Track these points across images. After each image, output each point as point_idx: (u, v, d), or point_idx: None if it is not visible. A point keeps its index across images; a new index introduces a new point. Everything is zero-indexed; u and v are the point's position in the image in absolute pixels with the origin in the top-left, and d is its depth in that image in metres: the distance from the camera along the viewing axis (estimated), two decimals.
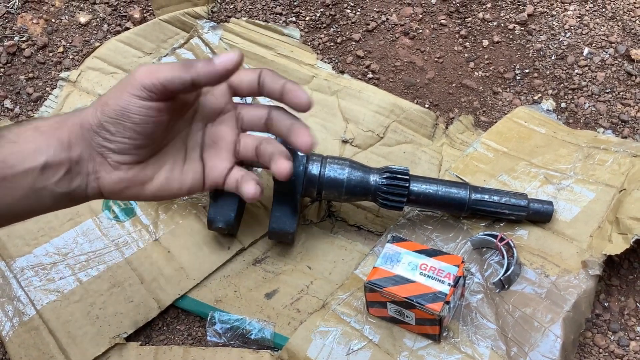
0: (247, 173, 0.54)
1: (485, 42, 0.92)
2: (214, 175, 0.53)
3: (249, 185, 0.52)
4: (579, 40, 0.91)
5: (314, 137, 0.54)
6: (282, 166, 0.52)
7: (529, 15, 0.93)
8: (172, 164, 0.52)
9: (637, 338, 0.66)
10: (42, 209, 0.47)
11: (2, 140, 0.45)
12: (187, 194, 0.53)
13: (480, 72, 0.89)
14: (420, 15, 0.95)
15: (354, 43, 0.93)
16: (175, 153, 0.52)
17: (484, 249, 0.69)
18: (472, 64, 0.90)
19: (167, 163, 0.51)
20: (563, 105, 0.85)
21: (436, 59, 0.91)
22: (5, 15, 0.95)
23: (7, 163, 0.44)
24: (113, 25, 0.95)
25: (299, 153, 0.67)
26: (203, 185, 0.53)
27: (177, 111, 0.51)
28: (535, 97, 0.86)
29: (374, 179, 0.67)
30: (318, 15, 0.95)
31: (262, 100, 0.78)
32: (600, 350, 0.66)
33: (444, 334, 0.62)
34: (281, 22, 0.94)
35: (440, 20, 0.94)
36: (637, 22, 0.92)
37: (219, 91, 0.54)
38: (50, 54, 0.92)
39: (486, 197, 0.68)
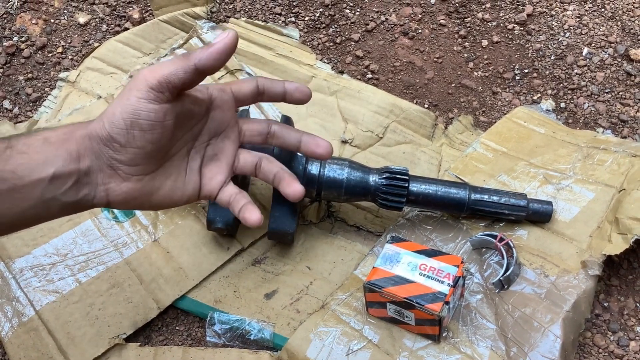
0: (242, 193, 0.56)
1: (485, 42, 0.92)
2: (210, 187, 0.55)
3: (253, 214, 0.55)
4: (578, 40, 0.91)
5: (327, 141, 0.59)
6: (296, 189, 0.57)
7: (528, 15, 0.93)
8: (176, 175, 0.53)
9: (637, 338, 0.66)
10: (49, 217, 0.48)
11: (11, 151, 0.45)
12: (185, 203, 0.55)
13: (479, 72, 0.89)
14: (420, 16, 0.95)
15: (353, 43, 0.93)
16: (179, 164, 0.53)
17: (484, 249, 0.69)
18: (471, 64, 0.90)
19: (173, 174, 0.53)
20: (562, 105, 0.85)
21: (435, 59, 0.91)
22: (4, 15, 0.95)
23: (17, 174, 0.44)
24: (112, 25, 0.95)
25: (298, 154, 0.67)
26: (198, 195, 0.55)
27: (185, 120, 0.52)
28: (535, 97, 0.86)
29: (373, 179, 0.67)
30: (317, 15, 0.95)
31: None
32: (600, 350, 0.66)
33: (444, 334, 0.62)
34: (280, 22, 0.94)
35: (439, 20, 0.94)
36: (637, 22, 0.92)
37: (227, 105, 0.55)
38: (49, 55, 0.92)
39: (485, 197, 0.68)
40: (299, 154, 0.67)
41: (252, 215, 0.55)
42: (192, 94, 0.52)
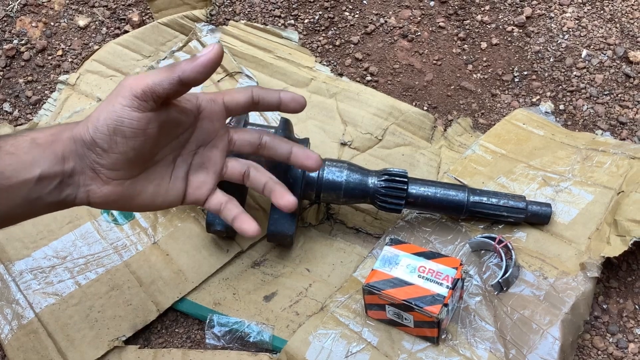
0: (232, 201, 0.56)
1: (484, 45, 0.92)
2: (196, 195, 0.56)
3: (250, 226, 0.55)
4: (577, 43, 0.91)
5: (317, 154, 0.59)
6: (288, 200, 0.56)
7: (527, 18, 0.94)
8: (160, 180, 0.53)
9: (636, 340, 0.66)
10: (32, 215, 0.49)
11: None
12: (167, 208, 0.55)
13: (478, 75, 0.89)
14: (419, 18, 0.95)
15: (353, 45, 0.93)
16: (164, 170, 0.54)
17: (483, 251, 0.69)
18: (470, 66, 0.90)
19: (156, 179, 0.53)
20: (561, 107, 0.85)
21: (434, 62, 0.91)
22: (4, 18, 0.96)
23: (4, 174, 0.45)
24: (112, 28, 0.95)
25: None
26: (182, 202, 0.56)
27: (170, 129, 0.52)
28: (534, 99, 0.86)
29: (372, 181, 0.67)
30: (317, 18, 0.95)
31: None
32: (599, 352, 0.66)
33: (443, 337, 0.62)
34: (280, 24, 0.94)
35: (438, 22, 0.94)
36: (636, 24, 0.92)
37: (216, 115, 0.55)
38: (49, 57, 0.92)
39: (484, 199, 0.68)
40: None
41: (249, 227, 0.55)
42: (180, 104, 0.52)
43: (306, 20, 0.95)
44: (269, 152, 0.59)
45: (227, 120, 0.59)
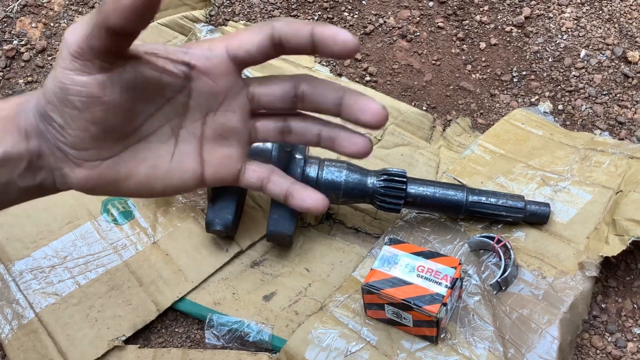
0: (278, 173, 0.43)
1: (483, 45, 0.92)
2: (222, 174, 0.43)
3: (314, 199, 0.42)
4: (576, 43, 0.91)
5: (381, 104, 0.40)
6: (361, 141, 0.41)
7: (525, 18, 0.94)
8: (155, 160, 0.42)
9: (635, 339, 0.66)
10: (11, 202, 0.42)
11: None
12: (177, 193, 0.44)
13: (477, 75, 0.90)
14: (418, 18, 0.95)
15: None
16: (159, 147, 0.42)
17: (481, 251, 0.69)
18: (469, 67, 0.90)
19: (149, 159, 0.42)
20: (560, 107, 0.85)
21: (433, 62, 0.91)
22: (4, 19, 0.96)
23: None
24: None
25: (297, 155, 0.67)
26: (200, 183, 0.44)
27: (150, 93, 0.40)
28: (533, 99, 0.86)
29: (371, 181, 0.68)
30: (316, 18, 0.95)
31: None
32: (598, 351, 0.66)
33: (442, 336, 0.62)
34: None
35: (437, 23, 0.95)
36: (634, 24, 0.92)
37: (217, 70, 0.41)
38: (49, 58, 0.92)
39: (483, 199, 0.68)
40: (297, 156, 0.67)
41: (314, 201, 0.41)
42: (157, 60, 0.40)
43: None
44: (310, 105, 0.42)
45: None
